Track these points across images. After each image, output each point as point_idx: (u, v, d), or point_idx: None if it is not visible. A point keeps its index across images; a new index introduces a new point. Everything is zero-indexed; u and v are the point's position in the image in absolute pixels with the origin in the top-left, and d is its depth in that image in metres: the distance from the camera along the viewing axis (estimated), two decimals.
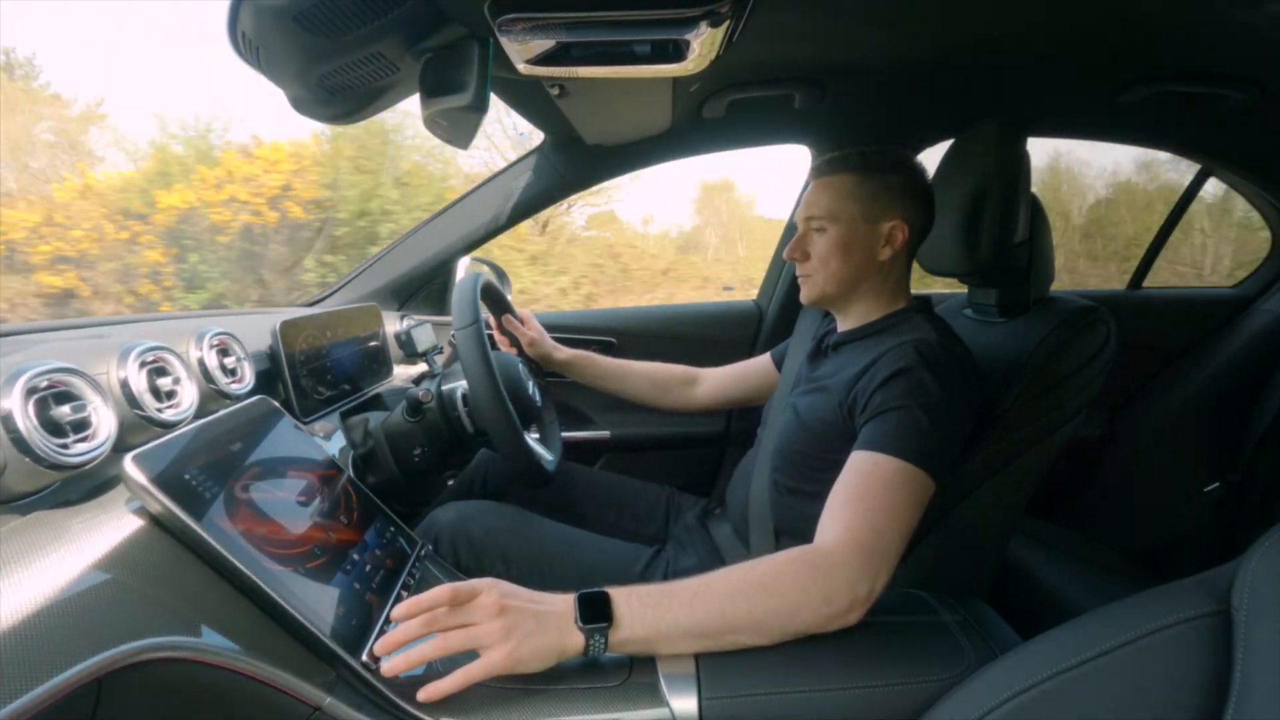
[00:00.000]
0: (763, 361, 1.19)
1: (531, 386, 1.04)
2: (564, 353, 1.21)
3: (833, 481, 0.73)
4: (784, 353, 1.14)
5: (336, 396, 1.04)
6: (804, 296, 0.93)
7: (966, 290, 1.08)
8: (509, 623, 0.57)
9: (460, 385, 1.00)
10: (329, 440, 0.93)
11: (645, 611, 0.60)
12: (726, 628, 0.60)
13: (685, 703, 0.59)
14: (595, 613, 0.59)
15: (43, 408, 0.53)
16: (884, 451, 0.72)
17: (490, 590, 0.59)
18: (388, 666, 0.56)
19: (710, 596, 0.61)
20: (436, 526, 0.92)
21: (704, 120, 1.29)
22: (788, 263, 1.55)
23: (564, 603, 0.60)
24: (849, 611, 0.63)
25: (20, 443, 0.50)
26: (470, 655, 0.57)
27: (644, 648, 0.61)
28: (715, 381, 1.22)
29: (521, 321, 1.19)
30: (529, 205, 1.43)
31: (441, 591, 0.57)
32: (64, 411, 0.54)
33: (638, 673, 0.63)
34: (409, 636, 0.57)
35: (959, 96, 1.22)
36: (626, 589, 0.62)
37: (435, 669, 0.63)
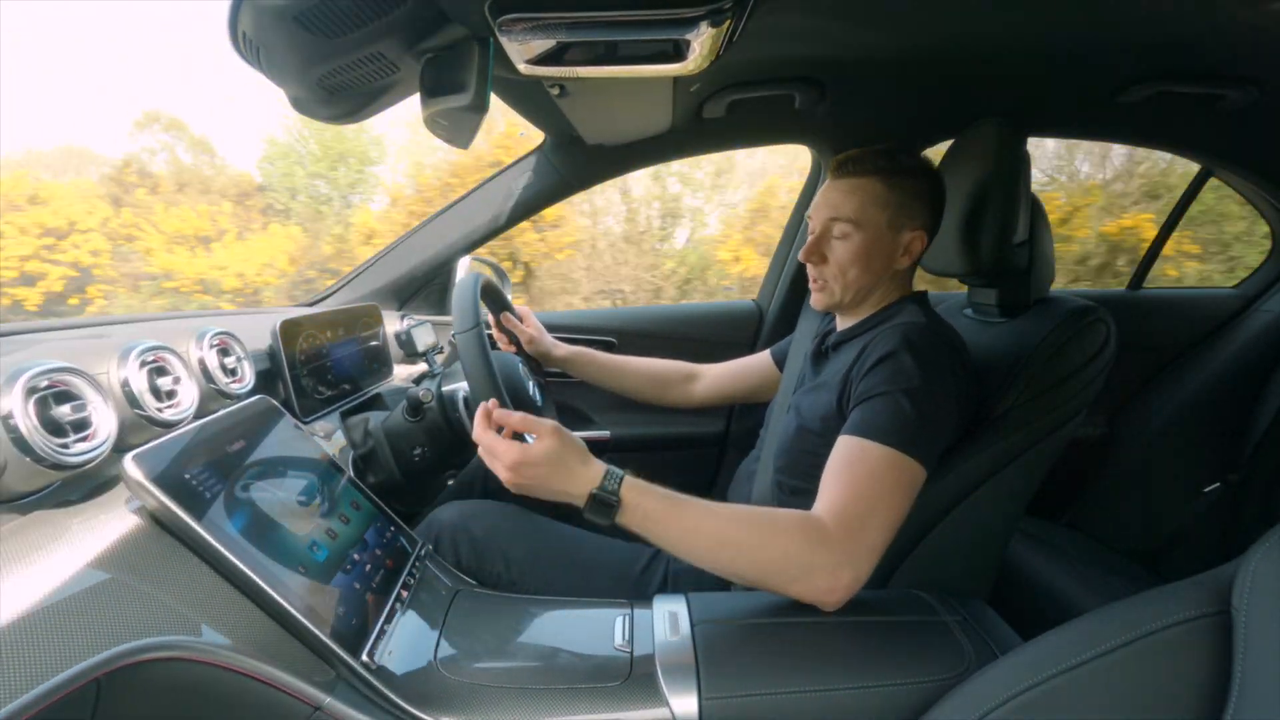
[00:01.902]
0: (762, 359, 1.19)
1: (532, 387, 1.04)
2: (562, 349, 1.20)
3: None
4: (784, 351, 1.14)
5: (336, 396, 1.04)
6: (817, 302, 0.91)
7: (966, 290, 1.08)
8: (517, 480, 0.67)
9: (461, 387, 1.00)
10: (329, 440, 0.93)
11: (643, 522, 0.66)
12: (706, 564, 0.67)
13: (685, 703, 0.59)
14: (601, 508, 0.66)
15: (43, 407, 0.53)
16: (869, 438, 0.72)
17: (551, 436, 0.67)
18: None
19: (705, 535, 0.66)
20: (437, 525, 0.92)
21: (704, 120, 1.29)
22: (789, 262, 1.55)
23: (582, 484, 0.67)
24: (828, 593, 0.65)
25: (20, 443, 0.50)
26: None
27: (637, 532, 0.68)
28: (714, 378, 1.22)
29: (520, 319, 1.19)
30: (529, 205, 1.43)
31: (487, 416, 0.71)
32: (64, 411, 0.54)
33: (638, 673, 0.63)
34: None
35: (959, 96, 1.22)
36: (642, 490, 0.67)
37: (436, 668, 0.63)
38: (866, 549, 0.67)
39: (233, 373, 0.81)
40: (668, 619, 0.70)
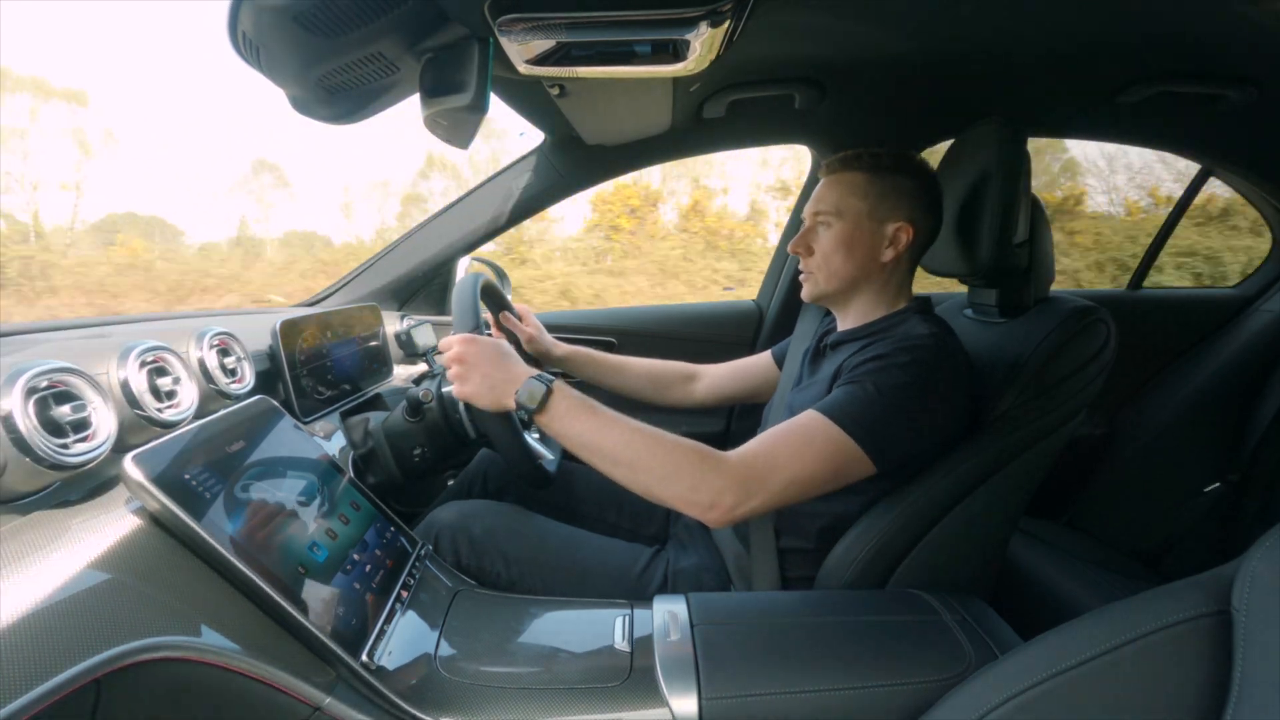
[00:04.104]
0: (763, 359, 1.19)
1: None
2: (562, 349, 1.20)
3: None
4: (784, 351, 1.14)
5: (336, 396, 1.04)
6: (805, 293, 0.93)
7: (967, 290, 1.08)
8: (463, 371, 0.77)
9: None
10: (329, 440, 0.93)
11: (566, 415, 0.74)
12: (612, 461, 0.73)
13: (685, 703, 0.59)
14: (533, 394, 0.74)
15: (43, 408, 0.53)
16: (821, 411, 0.75)
17: (458, 344, 0.78)
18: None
19: (617, 434, 0.73)
20: (437, 525, 0.92)
21: (704, 120, 1.29)
22: (788, 262, 1.55)
23: (518, 375, 0.76)
24: (708, 509, 0.70)
25: (20, 443, 0.50)
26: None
27: (553, 435, 0.75)
28: (714, 378, 1.22)
29: (519, 318, 1.19)
30: (529, 205, 1.44)
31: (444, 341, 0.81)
32: (64, 411, 0.54)
33: (638, 673, 0.63)
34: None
35: (959, 96, 1.22)
36: (571, 391, 0.75)
37: (437, 669, 0.63)
38: (760, 485, 0.71)
39: (233, 373, 0.81)
40: (668, 619, 0.70)
